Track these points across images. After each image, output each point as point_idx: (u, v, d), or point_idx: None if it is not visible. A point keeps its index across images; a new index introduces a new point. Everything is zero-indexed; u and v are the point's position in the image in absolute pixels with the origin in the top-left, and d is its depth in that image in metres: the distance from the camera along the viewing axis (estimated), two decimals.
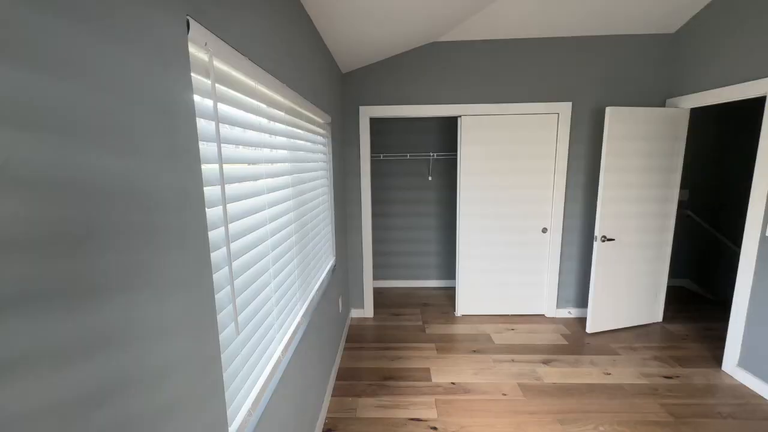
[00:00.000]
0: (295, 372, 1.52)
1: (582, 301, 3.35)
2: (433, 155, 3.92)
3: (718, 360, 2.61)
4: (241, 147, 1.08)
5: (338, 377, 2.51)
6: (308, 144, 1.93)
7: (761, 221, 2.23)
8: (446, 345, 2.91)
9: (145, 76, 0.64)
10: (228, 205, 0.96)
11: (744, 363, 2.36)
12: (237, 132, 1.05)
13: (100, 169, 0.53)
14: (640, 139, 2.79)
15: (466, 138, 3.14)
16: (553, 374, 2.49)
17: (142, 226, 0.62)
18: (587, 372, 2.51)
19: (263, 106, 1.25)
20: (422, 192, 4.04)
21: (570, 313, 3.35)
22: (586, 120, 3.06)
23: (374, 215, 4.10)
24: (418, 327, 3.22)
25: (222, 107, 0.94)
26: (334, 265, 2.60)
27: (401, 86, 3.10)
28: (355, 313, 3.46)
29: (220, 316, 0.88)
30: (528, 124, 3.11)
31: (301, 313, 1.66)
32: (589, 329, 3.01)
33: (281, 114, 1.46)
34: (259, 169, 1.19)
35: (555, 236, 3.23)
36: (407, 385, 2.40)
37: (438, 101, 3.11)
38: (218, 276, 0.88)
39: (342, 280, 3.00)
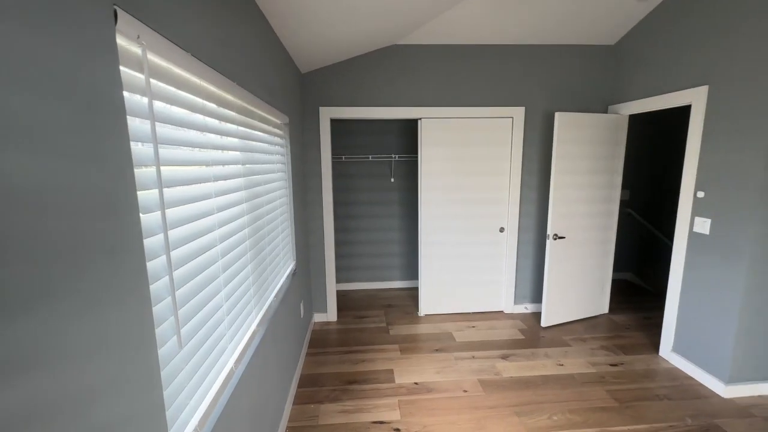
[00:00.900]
0: (250, 383, 1.45)
1: (537, 297, 3.51)
2: (395, 157, 3.94)
3: (656, 346, 2.83)
4: (185, 148, 1.02)
5: (300, 384, 2.45)
6: (264, 145, 1.86)
7: (689, 218, 2.45)
8: (410, 345, 2.93)
9: (65, 70, 0.58)
10: (168, 211, 0.89)
11: (677, 348, 2.59)
12: (180, 133, 0.98)
13: (10, 170, 0.47)
14: (586, 143, 2.98)
15: (426, 140, 3.19)
16: (511, 368, 2.58)
17: (60, 233, 0.55)
18: (542, 364, 2.63)
19: (211, 105, 1.19)
20: (385, 193, 4.06)
21: (527, 308, 3.50)
22: (537, 124, 3.22)
23: (337, 217, 4.06)
24: (382, 328, 3.22)
25: (160, 105, 0.88)
26: (295, 269, 2.53)
27: (362, 88, 3.10)
28: (318, 318, 3.40)
29: (160, 330, 0.82)
30: (485, 127, 3.22)
31: (256, 320, 1.59)
32: (543, 323, 3.16)
33: (232, 114, 1.40)
34: (207, 172, 1.13)
35: (511, 235, 3.36)
36: (371, 388, 2.39)
37: (398, 103, 3.13)
38: (157, 287, 0.82)
39: (304, 285, 2.93)
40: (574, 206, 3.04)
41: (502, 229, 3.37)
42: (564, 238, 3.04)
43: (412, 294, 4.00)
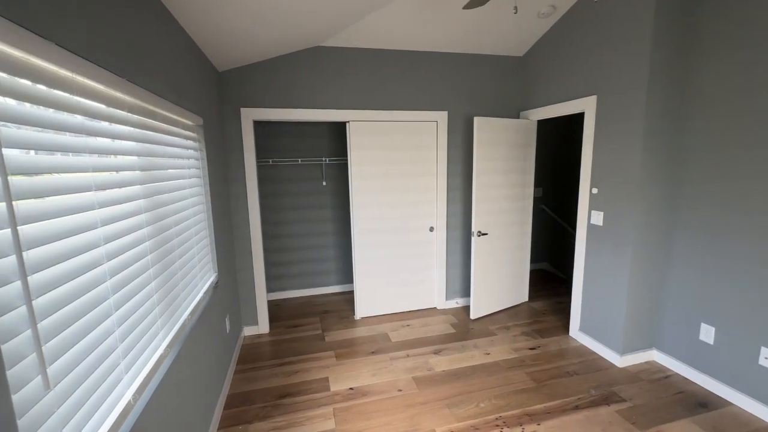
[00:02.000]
0: (158, 413, 1.30)
1: (467, 291, 3.71)
2: (326, 160, 3.88)
3: (567, 328, 3.16)
4: (57, 153, 0.87)
5: (227, 405, 2.27)
6: (172, 149, 1.69)
7: (587, 211, 2.78)
8: (345, 350, 2.89)
9: None
10: (26, 227, 0.75)
11: (583, 327, 2.91)
12: (48, 136, 0.84)
13: None
14: (502, 146, 3.22)
15: (355, 143, 3.19)
16: (443, 362, 2.69)
17: None
18: (471, 355, 2.78)
19: (92, 103, 1.04)
20: (317, 197, 3.97)
21: (458, 303, 3.68)
22: (459, 128, 3.41)
23: (267, 224, 3.87)
24: (318, 336, 3.14)
25: (12, 103, 0.74)
26: (217, 282, 2.35)
27: (287, 89, 2.99)
28: (248, 331, 3.20)
29: (14, 372, 0.68)
30: (412, 130, 3.32)
31: (165, 343, 1.43)
32: (472, 316, 3.35)
33: (124, 114, 1.24)
34: (86, 180, 0.98)
35: (441, 234, 3.51)
36: (305, 400, 2.31)
37: (326, 106, 3.09)
38: (7, 320, 0.68)
39: (230, 297, 2.74)
40: (494, 204, 3.27)
41: (432, 229, 3.50)
42: (487, 234, 3.25)
43: (349, 298, 3.97)
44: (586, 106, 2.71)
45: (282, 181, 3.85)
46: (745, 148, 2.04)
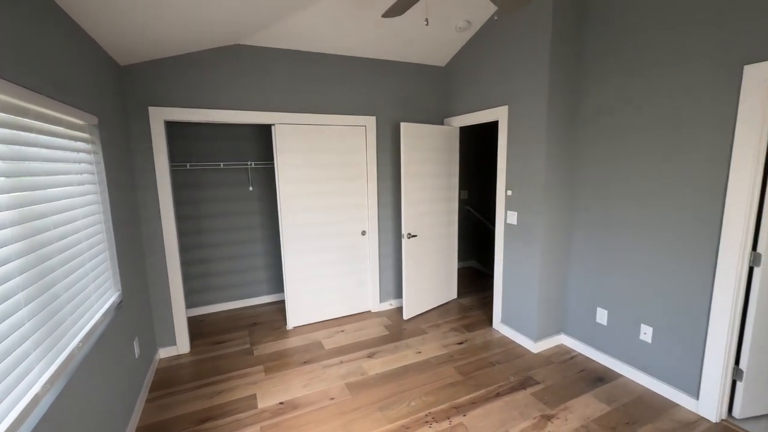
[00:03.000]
0: None
1: (400, 293, 3.79)
2: (251, 164, 3.69)
3: (491, 321, 3.39)
4: None
5: None
6: (51, 152, 1.46)
7: (504, 212, 3.01)
8: (276, 363, 2.77)
9: None
10: None
11: (504, 319, 3.14)
12: None
13: None
14: (428, 150, 3.36)
15: (282, 146, 3.08)
16: (377, 365, 2.70)
17: None
18: (404, 355, 2.83)
19: None
20: (244, 203, 3.76)
21: (391, 304, 3.74)
22: (388, 133, 3.48)
23: (186, 233, 3.56)
24: (245, 351, 2.96)
25: None
26: (120, 301, 2.09)
27: (205, 88, 2.79)
28: (165, 353, 2.90)
29: None
30: (341, 134, 3.30)
31: (43, 379, 1.22)
32: (405, 316, 3.43)
33: None
34: None
35: (373, 238, 3.54)
36: (229, 422, 2.15)
37: (249, 107, 2.94)
38: None
39: (139, 317, 2.45)
40: (423, 207, 3.39)
41: (364, 233, 3.51)
42: (416, 236, 3.36)
43: (281, 307, 3.81)
44: (500, 115, 2.94)
45: (203, 186, 3.57)
46: (616, 158, 2.38)
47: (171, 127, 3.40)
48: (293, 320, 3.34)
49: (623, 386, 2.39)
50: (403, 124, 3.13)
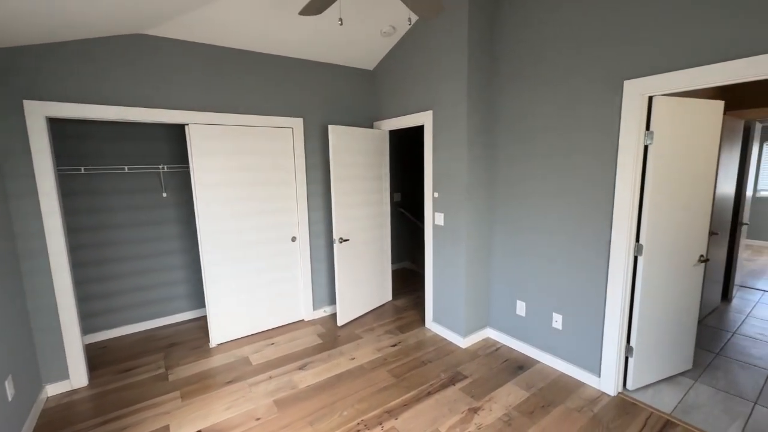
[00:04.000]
0: None
1: (334, 299, 3.70)
2: (164, 167, 3.34)
3: (424, 320, 3.46)
4: None
5: None
6: None
7: (432, 213, 3.10)
8: (195, 387, 2.51)
9: None
10: None
11: (436, 317, 3.23)
12: None
13: None
14: (358, 154, 3.34)
15: (200, 148, 2.83)
16: (308, 377, 2.59)
17: None
18: (337, 363, 2.76)
19: None
20: (157, 211, 3.38)
21: (325, 311, 3.64)
22: (317, 135, 3.39)
23: (83, 248, 3.09)
24: (159, 376, 2.64)
25: None
26: None
27: (103, 81, 2.45)
28: (54, 389, 2.47)
29: None
30: (267, 136, 3.13)
31: None
32: (339, 322, 3.35)
33: None
34: None
35: (303, 243, 3.41)
36: None
37: (158, 104, 2.64)
38: None
39: (13, 352, 2.05)
40: (354, 210, 3.36)
41: (294, 239, 3.37)
42: (348, 240, 3.31)
43: (203, 324, 3.49)
44: (425, 119, 3.03)
45: (103, 193, 3.13)
46: (528, 160, 2.59)
47: (60, 124, 2.93)
48: (217, 337, 3.08)
49: (540, 372, 2.59)
50: (331, 127, 3.06)
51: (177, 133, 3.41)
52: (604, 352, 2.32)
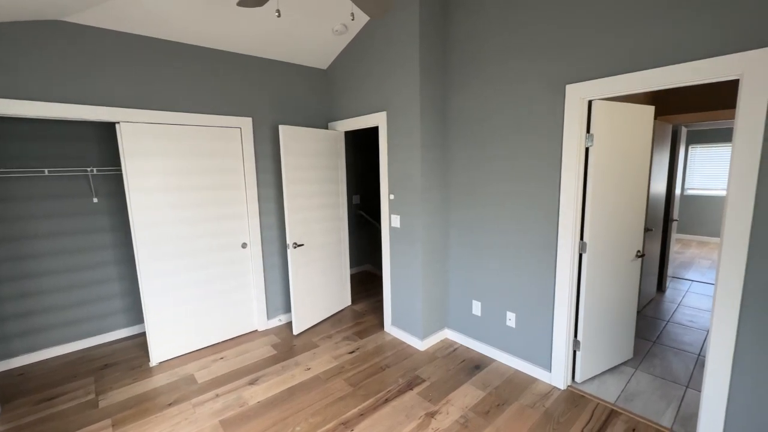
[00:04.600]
0: None
1: (290, 307, 3.54)
2: (93, 170, 3.02)
3: (383, 324, 3.41)
4: None
5: None
6: None
7: (388, 215, 3.06)
8: (131, 412, 2.27)
9: None
10: None
11: (395, 321, 3.19)
12: None
13: None
14: (311, 155, 3.23)
15: (133, 149, 2.58)
16: (260, 392, 2.44)
17: None
18: (291, 375, 2.63)
19: None
20: (87, 219, 3.04)
21: (281, 320, 3.48)
22: (268, 136, 3.23)
23: None
24: (88, 403, 2.36)
25: None
26: None
27: (13, 72, 2.15)
28: None
29: None
30: (213, 136, 2.93)
31: None
32: (295, 331, 3.21)
33: None
34: None
35: (255, 249, 3.23)
36: None
37: (82, 100, 2.38)
38: None
39: None
40: (309, 213, 3.24)
41: (244, 245, 3.18)
42: (303, 245, 3.18)
43: (145, 341, 3.20)
44: (380, 120, 2.98)
45: (18, 200, 2.77)
46: (479, 161, 2.63)
47: None
48: (158, 354, 2.82)
49: (495, 370, 2.63)
50: (281, 127, 2.93)
51: (110, 133, 3.10)
52: (554, 348, 2.39)
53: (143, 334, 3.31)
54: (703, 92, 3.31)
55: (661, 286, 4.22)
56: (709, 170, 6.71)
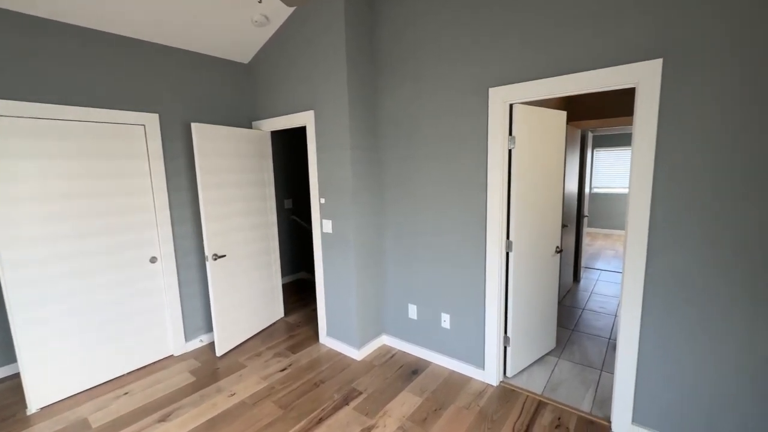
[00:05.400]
0: None
1: (212, 325, 3.19)
2: None
3: (317, 336, 3.23)
4: None
5: None
6: None
7: (319, 221, 2.89)
8: None
9: None
10: None
11: (330, 332, 3.03)
12: None
13: None
14: (233, 157, 2.93)
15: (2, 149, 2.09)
16: (172, 430, 2.11)
17: None
18: (212, 404, 2.33)
19: None
20: None
21: (202, 341, 3.11)
22: (180, 135, 2.86)
23: None
24: None
25: None
26: None
27: None
28: None
29: None
30: (110, 134, 2.50)
31: None
32: (219, 352, 2.89)
33: None
34: None
35: (168, 263, 2.84)
36: None
37: None
38: None
39: None
40: (232, 221, 2.94)
41: (154, 259, 2.78)
42: (225, 256, 2.88)
43: (18, 384, 2.62)
44: (307, 120, 2.81)
45: None
46: (411, 163, 2.60)
47: None
48: (38, 399, 2.32)
49: (432, 373, 2.61)
50: (194, 125, 2.61)
51: None
52: (487, 345, 2.44)
53: (16, 375, 2.72)
54: (606, 100, 3.69)
55: (576, 277, 4.64)
56: (610, 171, 7.62)
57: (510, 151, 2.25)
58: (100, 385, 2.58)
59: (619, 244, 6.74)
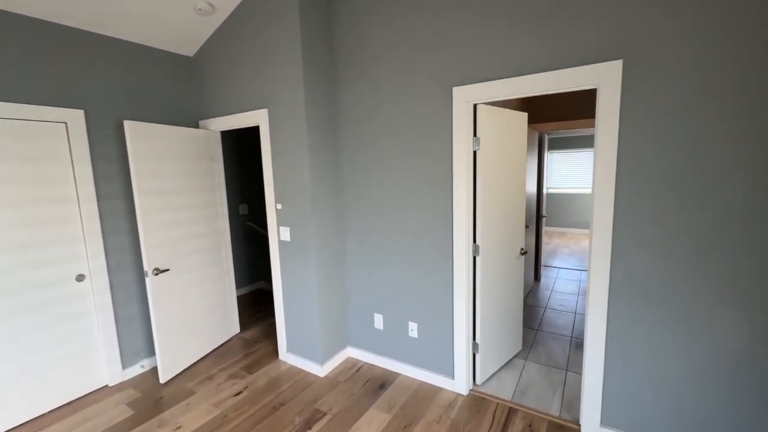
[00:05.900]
0: None
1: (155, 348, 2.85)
2: None
3: (277, 352, 2.99)
4: None
5: None
6: None
7: (276, 228, 2.68)
8: None
9: None
10: None
11: (290, 347, 2.81)
12: None
13: None
14: (177, 159, 2.64)
15: None
16: None
17: None
18: None
19: None
20: None
21: (143, 366, 2.76)
22: (113, 136, 2.53)
23: None
24: None
25: None
26: None
27: None
28: None
29: None
30: (21, 133, 2.13)
31: None
32: (163, 378, 2.57)
33: None
34: None
35: (99, 281, 2.49)
36: None
37: None
38: None
39: None
40: (175, 231, 2.64)
41: (81, 277, 2.42)
42: (168, 270, 2.57)
43: None
44: (260, 119, 2.59)
45: None
46: (372, 164, 2.48)
47: None
48: None
49: (401, 386, 2.48)
50: (127, 123, 2.30)
51: None
52: (456, 353, 2.35)
53: None
54: (563, 104, 3.79)
55: (537, 276, 4.74)
56: (564, 172, 7.98)
57: (475, 152, 2.19)
58: (16, 427, 2.18)
59: (574, 242, 7.06)
